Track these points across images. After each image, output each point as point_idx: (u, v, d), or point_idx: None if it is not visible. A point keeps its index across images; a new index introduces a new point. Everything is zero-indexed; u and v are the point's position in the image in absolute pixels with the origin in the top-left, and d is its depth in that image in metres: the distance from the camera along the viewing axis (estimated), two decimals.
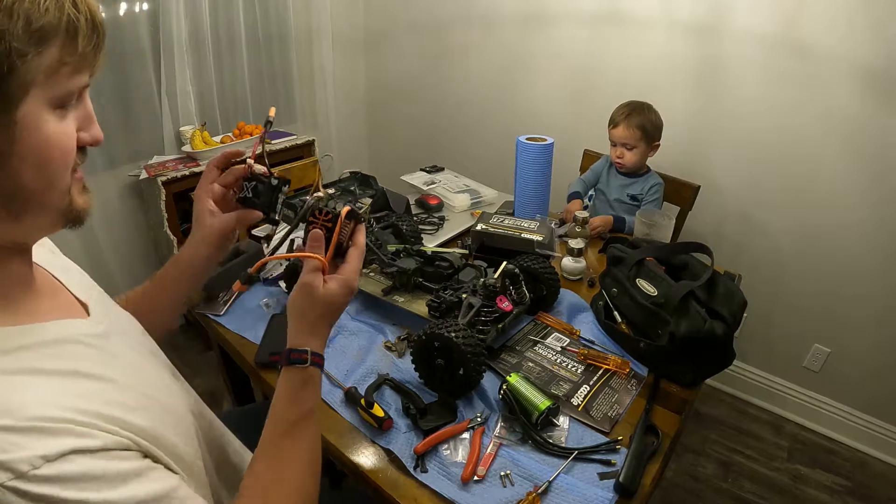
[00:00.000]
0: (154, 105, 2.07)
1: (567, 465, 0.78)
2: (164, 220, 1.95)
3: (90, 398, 0.44)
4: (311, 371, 0.60)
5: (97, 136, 0.48)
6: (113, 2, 1.86)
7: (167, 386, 0.59)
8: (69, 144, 0.45)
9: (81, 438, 0.40)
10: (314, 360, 0.60)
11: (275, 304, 1.14)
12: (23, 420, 0.38)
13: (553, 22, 2.13)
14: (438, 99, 2.60)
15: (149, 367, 0.59)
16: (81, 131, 0.47)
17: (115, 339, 0.55)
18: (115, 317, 0.61)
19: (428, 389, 0.92)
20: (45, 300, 0.52)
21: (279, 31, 2.41)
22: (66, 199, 0.47)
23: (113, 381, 0.48)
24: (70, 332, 0.49)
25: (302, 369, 0.60)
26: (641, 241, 1.29)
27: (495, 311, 0.98)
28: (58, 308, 0.52)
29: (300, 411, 0.60)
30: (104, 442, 0.41)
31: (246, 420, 1.10)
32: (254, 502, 0.56)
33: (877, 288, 1.71)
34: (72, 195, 0.47)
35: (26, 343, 0.44)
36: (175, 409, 0.56)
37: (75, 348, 0.48)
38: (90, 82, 0.47)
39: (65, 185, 0.46)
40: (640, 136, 1.63)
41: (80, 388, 0.45)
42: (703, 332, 0.91)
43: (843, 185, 1.67)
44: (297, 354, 0.60)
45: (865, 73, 1.54)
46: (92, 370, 0.47)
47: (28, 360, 0.43)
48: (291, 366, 0.60)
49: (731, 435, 1.92)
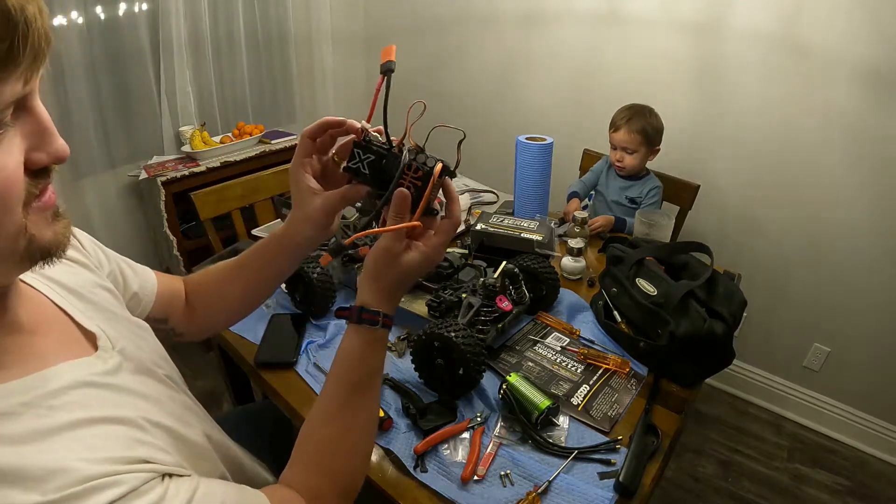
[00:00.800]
0: (154, 105, 2.07)
1: (567, 465, 0.78)
2: (164, 221, 1.95)
3: (110, 444, 0.42)
4: (380, 332, 0.59)
5: (59, 153, 0.39)
6: (112, 2, 1.86)
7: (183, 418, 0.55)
8: (9, 178, 0.35)
9: (111, 489, 0.38)
10: (385, 323, 0.59)
11: (275, 304, 1.14)
12: (51, 493, 0.35)
13: (553, 22, 2.13)
14: (438, 99, 2.60)
15: (164, 397, 0.55)
16: (34, 151, 0.38)
17: (127, 371, 0.51)
18: (126, 339, 0.56)
19: (428, 389, 0.92)
20: (46, 341, 0.47)
21: (279, 31, 2.41)
22: (22, 242, 0.38)
23: (129, 421, 0.45)
24: (76, 376, 0.44)
25: (372, 330, 0.58)
26: (641, 240, 1.29)
27: (495, 310, 0.98)
28: (61, 347, 0.47)
29: (366, 371, 0.59)
30: (132, 485, 0.39)
31: (246, 420, 1.10)
32: (312, 465, 0.57)
33: (877, 287, 1.71)
34: (31, 234, 0.38)
35: (28, 399, 0.39)
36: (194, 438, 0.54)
37: (85, 392, 0.44)
38: (30, 90, 0.36)
39: (13, 229, 0.37)
40: (641, 140, 1.63)
41: (98, 434, 0.42)
42: (703, 331, 0.91)
43: (842, 184, 1.67)
44: (370, 315, 0.58)
45: (865, 73, 1.54)
46: (104, 413, 0.44)
47: (35, 419, 0.39)
48: (361, 325, 0.58)
49: (731, 434, 1.92)
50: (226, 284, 0.76)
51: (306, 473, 0.57)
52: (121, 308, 0.62)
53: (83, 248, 0.64)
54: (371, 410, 0.61)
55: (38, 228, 0.39)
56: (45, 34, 0.35)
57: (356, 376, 0.59)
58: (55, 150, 0.39)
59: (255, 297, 0.77)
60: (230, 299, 0.76)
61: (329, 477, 0.57)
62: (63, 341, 0.49)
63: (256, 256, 0.72)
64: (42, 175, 0.39)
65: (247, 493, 0.50)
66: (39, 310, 0.49)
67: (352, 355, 0.59)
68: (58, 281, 0.54)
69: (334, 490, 0.57)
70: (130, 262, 0.72)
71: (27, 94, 0.36)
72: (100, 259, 0.66)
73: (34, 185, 0.38)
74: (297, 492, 0.55)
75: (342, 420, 0.58)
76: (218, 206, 1.56)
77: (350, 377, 0.59)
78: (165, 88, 2.06)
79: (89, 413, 0.42)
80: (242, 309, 0.79)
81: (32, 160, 0.38)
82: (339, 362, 0.60)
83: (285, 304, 1.14)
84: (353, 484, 0.60)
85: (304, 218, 0.64)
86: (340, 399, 0.59)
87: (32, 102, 0.37)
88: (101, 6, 1.84)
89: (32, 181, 0.38)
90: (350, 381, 0.59)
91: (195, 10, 2.04)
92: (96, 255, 0.66)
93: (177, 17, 1.97)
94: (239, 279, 0.74)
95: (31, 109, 0.37)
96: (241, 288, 0.75)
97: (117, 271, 0.68)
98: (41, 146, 0.38)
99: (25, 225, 0.38)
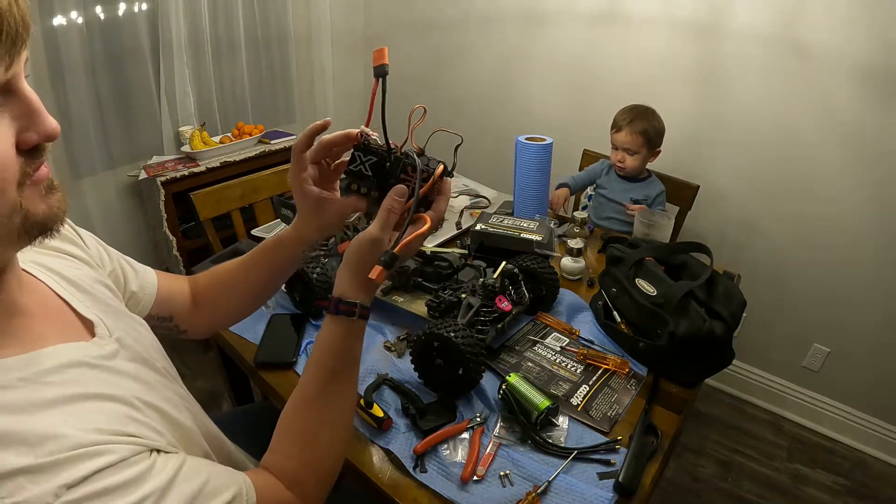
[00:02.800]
0: (153, 105, 2.07)
1: (566, 465, 0.78)
2: (164, 221, 1.95)
3: (103, 418, 0.43)
4: (357, 323, 0.60)
5: (49, 131, 0.40)
6: (112, 2, 1.86)
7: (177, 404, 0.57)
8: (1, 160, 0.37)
9: (100, 457, 0.39)
10: (362, 314, 0.60)
11: (274, 304, 1.14)
12: (43, 457, 0.37)
13: (552, 22, 2.13)
14: (438, 99, 2.60)
15: (158, 384, 0.56)
16: (25, 131, 0.39)
17: (123, 358, 0.53)
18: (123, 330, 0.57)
19: (427, 389, 0.92)
20: (45, 323, 0.48)
21: (278, 31, 2.40)
22: (17, 219, 0.39)
23: (122, 399, 0.46)
24: (73, 356, 0.46)
25: (349, 321, 0.59)
26: (641, 240, 1.29)
27: (494, 311, 0.98)
28: (59, 331, 0.49)
29: (343, 361, 0.61)
30: (121, 454, 0.41)
31: (246, 420, 1.10)
32: (291, 450, 0.58)
33: (877, 287, 1.71)
34: (26, 209, 0.40)
35: (25, 375, 0.41)
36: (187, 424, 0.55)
37: (79, 371, 0.46)
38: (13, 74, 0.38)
39: (7, 209, 0.38)
40: (643, 141, 1.63)
41: (90, 409, 0.43)
42: (703, 331, 0.91)
43: (842, 184, 1.67)
44: (346, 306, 0.59)
45: (865, 73, 1.54)
46: (98, 390, 0.45)
47: (32, 393, 0.41)
48: (339, 315, 0.59)
49: (731, 435, 1.92)
50: (233, 284, 0.78)
51: (285, 459, 0.58)
52: (119, 304, 0.63)
53: (85, 245, 0.64)
54: (348, 399, 0.63)
55: (32, 203, 0.40)
56: (23, 20, 0.36)
57: (334, 364, 0.60)
58: (45, 128, 0.40)
59: (260, 295, 0.80)
60: (237, 299, 0.79)
61: (307, 462, 0.59)
62: (61, 326, 0.50)
63: (263, 257, 0.74)
64: (36, 154, 0.40)
65: (233, 473, 0.51)
66: (39, 296, 0.50)
67: (329, 345, 0.60)
68: (58, 272, 0.55)
69: (312, 475, 0.59)
70: (132, 262, 0.73)
71: (10, 78, 0.37)
72: (102, 257, 0.67)
73: (28, 165, 0.40)
74: (276, 476, 0.56)
75: (319, 406, 0.60)
76: (217, 206, 1.56)
77: (329, 364, 0.60)
78: (165, 88, 2.06)
79: (84, 389, 0.44)
80: (248, 307, 0.82)
81: (24, 140, 0.39)
82: (316, 350, 0.61)
83: (285, 304, 1.14)
84: (330, 469, 0.61)
85: (318, 226, 0.68)
86: (318, 385, 0.60)
87: (18, 85, 0.38)
88: (100, 6, 1.84)
89: (27, 161, 0.40)
90: (329, 368, 0.60)
91: (195, 9, 2.04)
92: (98, 254, 0.66)
93: (176, 16, 1.97)
94: (246, 279, 0.76)
95: (17, 92, 0.38)
96: (247, 287, 0.77)
97: (119, 270, 0.69)
98: (31, 126, 0.39)
99: (20, 202, 0.39)
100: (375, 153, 0.59)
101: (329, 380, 0.60)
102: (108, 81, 1.91)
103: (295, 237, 0.70)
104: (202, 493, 0.45)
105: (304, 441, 0.59)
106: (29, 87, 0.39)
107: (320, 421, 0.60)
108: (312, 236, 0.70)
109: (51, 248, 0.58)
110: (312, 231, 0.69)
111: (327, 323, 0.61)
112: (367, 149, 0.60)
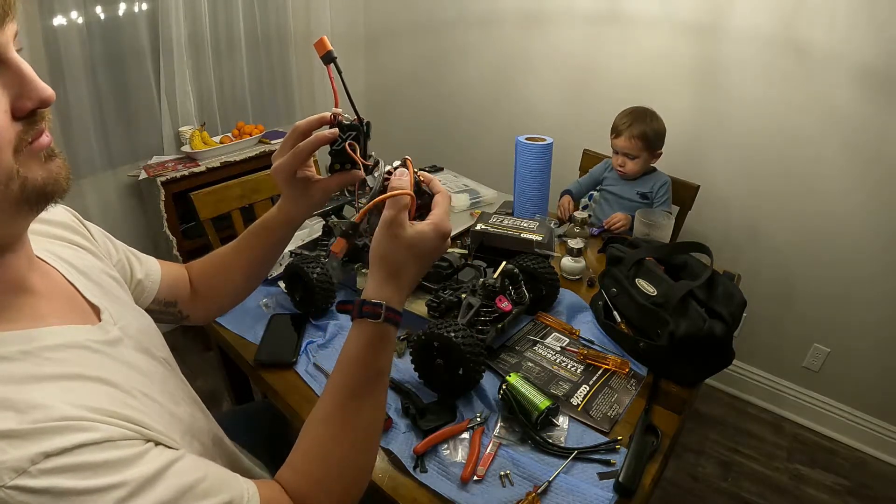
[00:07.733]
0: (153, 105, 2.06)
1: (567, 465, 0.78)
2: (164, 221, 1.95)
3: (97, 398, 0.43)
4: (383, 328, 0.54)
5: (42, 96, 0.40)
6: (112, 2, 1.86)
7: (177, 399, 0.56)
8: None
9: (85, 433, 0.39)
10: (388, 317, 0.54)
11: (274, 304, 1.14)
12: (26, 423, 0.37)
13: (552, 22, 2.13)
14: (438, 99, 2.60)
15: (160, 377, 0.56)
16: (20, 99, 0.39)
17: (127, 347, 0.53)
18: (128, 320, 0.57)
19: (428, 389, 0.92)
20: (52, 304, 0.49)
21: (279, 31, 2.40)
22: (15, 186, 0.40)
23: (119, 385, 0.46)
24: (76, 337, 0.47)
25: (374, 325, 0.54)
26: (641, 240, 1.29)
27: (495, 311, 0.98)
28: (65, 313, 0.50)
29: (364, 373, 0.55)
30: (108, 434, 0.40)
31: (246, 420, 1.10)
32: (302, 466, 0.54)
33: (877, 287, 1.71)
34: (24, 176, 0.40)
35: (28, 349, 0.42)
36: (187, 419, 0.55)
37: (80, 353, 0.46)
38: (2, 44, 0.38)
39: (5, 171, 0.39)
40: (643, 146, 1.62)
41: (85, 389, 0.43)
42: (703, 331, 0.91)
43: (842, 184, 1.67)
44: (370, 307, 0.54)
45: (865, 73, 1.54)
46: (97, 373, 0.45)
47: (31, 367, 0.41)
48: (362, 319, 0.54)
49: (731, 435, 1.92)
50: (227, 268, 0.80)
51: (297, 478, 0.54)
52: (125, 295, 0.65)
53: (93, 237, 0.66)
54: (370, 418, 0.56)
55: (30, 170, 0.41)
56: None
57: (355, 377, 0.55)
58: (38, 94, 0.40)
59: (254, 276, 0.82)
60: (233, 281, 0.81)
61: (316, 481, 0.54)
62: (68, 309, 0.51)
63: (253, 239, 0.78)
64: (34, 121, 0.41)
65: (235, 479, 0.49)
66: (50, 280, 0.52)
67: (353, 355, 0.55)
68: (68, 261, 0.57)
69: (323, 495, 0.54)
70: (136, 253, 0.76)
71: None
72: (108, 249, 0.69)
73: (27, 133, 0.40)
74: (287, 491, 0.53)
75: (335, 424, 0.55)
76: (217, 206, 1.56)
77: (348, 377, 0.56)
78: (165, 88, 2.06)
79: (82, 370, 0.45)
80: (244, 289, 0.84)
81: (18, 107, 0.40)
82: (341, 359, 0.56)
83: (285, 304, 1.14)
84: (348, 491, 0.56)
85: (307, 204, 0.73)
86: (336, 400, 0.55)
87: (8, 55, 0.39)
88: (100, 6, 1.83)
89: (25, 127, 0.40)
90: (349, 382, 0.56)
91: (195, 10, 2.04)
92: (105, 246, 0.69)
93: (176, 17, 1.97)
94: (239, 262, 0.79)
95: (7, 62, 0.39)
96: (241, 270, 0.80)
97: (125, 260, 0.72)
98: (25, 92, 0.40)
99: (16, 168, 0.40)
100: (352, 128, 0.66)
101: (349, 396, 0.55)
102: (108, 81, 1.90)
103: (283, 219, 0.75)
104: (193, 490, 0.43)
105: (315, 458, 0.55)
106: (20, 57, 0.40)
107: (335, 439, 0.55)
108: (301, 216, 0.75)
109: (62, 238, 0.60)
110: (301, 211, 0.74)
111: (352, 332, 0.56)
112: (342, 126, 0.66)
